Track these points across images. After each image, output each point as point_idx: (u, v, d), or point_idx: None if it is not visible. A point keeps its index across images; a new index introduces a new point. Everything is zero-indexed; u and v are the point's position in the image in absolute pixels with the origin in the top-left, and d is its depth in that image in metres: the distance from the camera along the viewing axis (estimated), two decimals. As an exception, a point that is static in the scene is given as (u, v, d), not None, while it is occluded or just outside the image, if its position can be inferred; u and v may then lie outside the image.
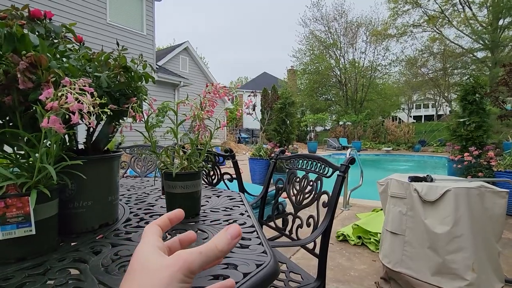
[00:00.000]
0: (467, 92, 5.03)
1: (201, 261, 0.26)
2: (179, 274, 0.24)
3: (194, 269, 0.25)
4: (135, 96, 0.80)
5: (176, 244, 0.34)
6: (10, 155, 0.64)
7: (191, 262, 0.25)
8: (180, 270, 0.24)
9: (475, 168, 4.53)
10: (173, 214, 0.35)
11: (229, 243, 0.28)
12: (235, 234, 0.29)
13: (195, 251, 0.26)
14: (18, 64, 0.54)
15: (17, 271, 0.55)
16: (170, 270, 0.24)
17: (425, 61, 21.73)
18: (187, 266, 0.25)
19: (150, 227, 0.32)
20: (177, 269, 0.24)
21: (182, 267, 0.25)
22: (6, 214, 0.56)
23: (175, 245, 0.34)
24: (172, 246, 0.33)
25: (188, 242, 0.35)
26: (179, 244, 0.34)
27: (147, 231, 0.31)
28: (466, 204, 1.58)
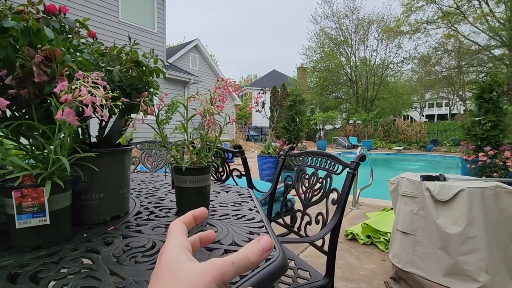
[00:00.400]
0: (483, 90, 4.89)
1: (234, 272, 0.26)
2: (213, 284, 0.24)
3: (227, 279, 0.25)
4: (146, 90, 0.81)
5: (197, 242, 0.34)
6: (26, 147, 0.66)
7: (224, 273, 0.25)
8: (213, 280, 0.24)
9: (490, 168, 4.41)
10: (197, 212, 0.35)
11: (260, 255, 0.27)
12: (267, 247, 0.28)
13: (228, 260, 0.26)
14: (34, 58, 0.56)
15: (33, 259, 0.56)
16: (205, 278, 0.24)
17: (439, 59, 21.20)
18: (220, 276, 0.25)
19: (177, 225, 0.32)
20: (211, 278, 0.24)
21: (215, 276, 0.24)
22: (22, 203, 0.57)
23: (196, 243, 0.34)
24: (193, 243, 0.33)
25: (208, 241, 0.35)
26: (199, 242, 0.34)
27: (173, 228, 0.31)
28: (480, 204, 1.54)
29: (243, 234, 0.71)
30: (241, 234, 0.71)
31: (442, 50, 20.48)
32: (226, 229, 0.75)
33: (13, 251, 0.60)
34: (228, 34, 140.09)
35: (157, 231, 0.73)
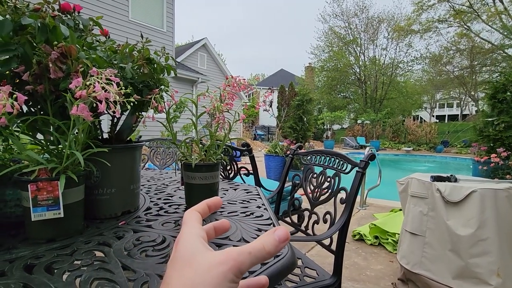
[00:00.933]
0: (497, 90, 4.78)
1: (250, 262, 0.25)
2: (230, 273, 0.24)
3: (244, 269, 0.25)
4: (158, 87, 0.82)
5: (212, 231, 0.34)
6: (41, 141, 0.68)
7: (241, 263, 0.25)
8: (231, 269, 0.24)
9: (503, 170, 4.31)
10: (212, 201, 0.35)
11: (277, 245, 0.27)
12: (283, 237, 0.27)
13: (245, 250, 0.26)
14: (50, 54, 0.57)
15: (47, 251, 0.58)
16: (222, 268, 0.24)
17: (451, 58, 20.76)
18: (238, 266, 0.24)
19: (192, 214, 0.32)
20: (228, 268, 0.24)
21: (233, 266, 0.24)
22: (38, 196, 0.59)
23: (211, 232, 0.33)
24: (208, 233, 0.33)
25: (223, 231, 0.35)
26: (214, 232, 0.34)
27: (189, 217, 0.31)
28: (493, 206, 1.51)
29: (251, 231, 0.72)
30: (249, 231, 0.72)
31: (454, 49, 20.04)
32: (235, 225, 0.75)
33: (28, 243, 0.61)
34: (236, 33, 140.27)
35: (167, 226, 0.74)
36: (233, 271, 0.24)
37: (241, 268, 0.25)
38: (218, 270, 0.24)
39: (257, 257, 0.26)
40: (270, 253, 0.27)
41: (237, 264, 0.24)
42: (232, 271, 0.24)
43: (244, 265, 0.25)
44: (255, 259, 0.26)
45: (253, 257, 0.26)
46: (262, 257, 0.26)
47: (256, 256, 0.26)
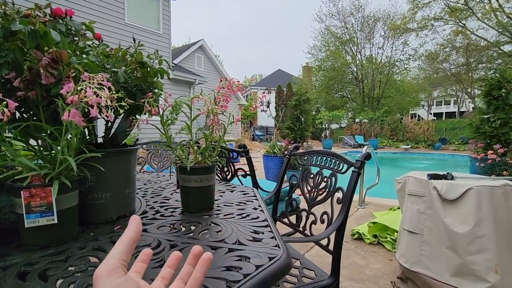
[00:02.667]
0: (492, 87, 4.80)
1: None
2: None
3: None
4: (151, 91, 0.82)
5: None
6: (34, 147, 0.67)
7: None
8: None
9: (500, 166, 4.33)
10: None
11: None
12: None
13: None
14: (41, 60, 0.57)
15: (41, 257, 0.58)
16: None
17: (447, 56, 20.85)
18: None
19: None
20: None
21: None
22: (31, 203, 0.59)
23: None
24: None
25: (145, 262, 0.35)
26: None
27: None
28: (489, 203, 1.52)
29: (247, 233, 0.72)
30: (245, 233, 0.72)
31: (450, 47, 20.13)
32: (231, 228, 0.75)
33: (22, 250, 0.61)
34: (232, 34, 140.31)
35: (163, 230, 0.74)
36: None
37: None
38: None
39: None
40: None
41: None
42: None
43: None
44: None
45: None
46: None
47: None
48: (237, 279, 0.50)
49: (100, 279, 0.26)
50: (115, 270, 0.27)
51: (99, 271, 0.27)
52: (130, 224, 0.32)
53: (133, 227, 0.32)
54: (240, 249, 0.63)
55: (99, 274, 0.26)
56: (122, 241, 0.30)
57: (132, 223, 0.33)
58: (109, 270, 0.27)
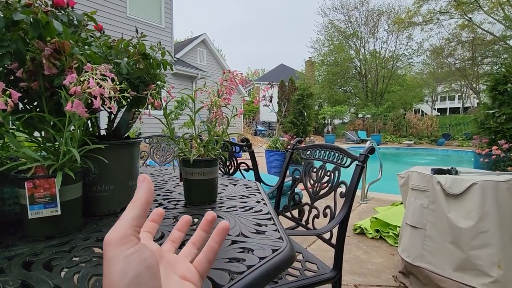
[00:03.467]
0: (497, 81, 4.73)
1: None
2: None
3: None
4: (154, 83, 0.81)
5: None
6: (37, 139, 0.67)
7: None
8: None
9: (504, 162, 4.29)
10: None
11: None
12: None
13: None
14: (44, 50, 0.56)
15: (46, 248, 0.58)
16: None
17: (452, 50, 20.57)
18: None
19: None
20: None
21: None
22: (35, 194, 0.59)
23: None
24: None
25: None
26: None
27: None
28: (493, 198, 1.50)
29: (250, 226, 0.72)
30: (248, 226, 0.72)
31: (456, 41, 19.84)
32: (234, 220, 0.75)
33: (27, 240, 0.61)
34: (235, 29, 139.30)
35: (166, 222, 0.74)
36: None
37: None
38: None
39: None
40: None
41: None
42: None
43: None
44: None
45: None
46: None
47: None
48: (241, 270, 0.50)
49: (111, 246, 0.23)
50: (128, 237, 0.24)
51: (109, 237, 0.23)
52: (140, 185, 0.28)
53: (144, 188, 0.28)
54: (243, 241, 0.63)
55: (109, 241, 0.23)
56: (134, 204, 0.26)
57: (142, 183, 0.28)
58: (120, 237, 0.23)
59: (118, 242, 0.23)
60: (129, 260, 0.22)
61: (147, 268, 0.23)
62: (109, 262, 0.23)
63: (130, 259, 0.23)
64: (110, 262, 0.22)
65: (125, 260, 0.22)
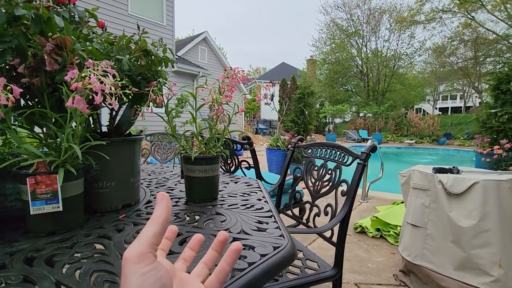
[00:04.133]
0: (500, 81, 4.71)
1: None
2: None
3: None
4: (155, 80, 0.81)
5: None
6: (39, 135, 0.67)
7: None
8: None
9: (506, 162, 4.28)
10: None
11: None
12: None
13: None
14: (45, 46, 0.56)
15: (48, 244, 0.58)
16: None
17: (455, 49, 20.47)
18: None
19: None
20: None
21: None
22: (37, 190, 0.59)
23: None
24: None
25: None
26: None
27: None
28: (495, 197, 1.50)
29: (251, 223, 0.72)
30: (249, 223, 0.72)
31: (458, 40, 19.74)
32: (235, 218, 0.75)
33: (29, 236, 0.62)
34: (236, 27, 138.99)
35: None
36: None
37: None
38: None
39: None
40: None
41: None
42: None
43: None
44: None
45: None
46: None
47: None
48: (242, 267, 0.50)
49: (129, 262, 0.24)
50: (145, 255, 0.25)
51: (128, 254, 0.25)
52: (159, 203, 0.29)
53: (163, 206, 0.28)
54: (244, 238, 0.63)
55: (128, 257, 0.24)
56: (153, 222, 0.27)
57: (160, 201, 0.29)
58: (139, 255, 0.24)
59: (136, 259, 0.24)
60: (145, 277, 0.23)
61: (161, 286, 0.24)
62: (126, 278, 0.23)
63: (147, 277, 0.24)
64: (127, 278, 0.23)
65: (142, 278, 0.23)
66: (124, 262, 0.24)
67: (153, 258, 0.25)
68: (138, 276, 0.23)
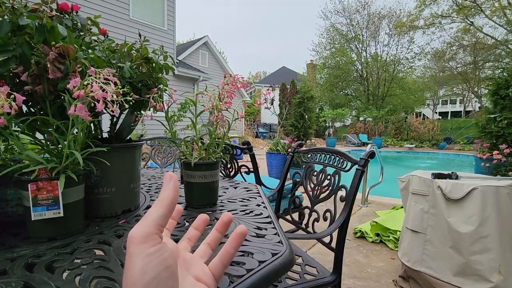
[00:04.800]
0: (499, 86, 4.74)
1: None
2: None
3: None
4: (156, 86, 0.82)
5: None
6: (41, 141, 0.68)
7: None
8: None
9: (505, 167, 4.28)
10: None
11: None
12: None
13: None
14: (48, 55, 0.57)
15: (48, 250, 0.59)
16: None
17: (454, 54, 20.59)
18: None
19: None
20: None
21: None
22: (38, 196, 0.60)
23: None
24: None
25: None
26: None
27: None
28: (494, 203, 1.50)
29: (250, 229, 0.72)
30: (248, 229, 0.72)
31: (457, 45, 19.87)
32: (234, 223, 0.76)
33: (29, 242, 0.62)
34: (237, 31, 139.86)
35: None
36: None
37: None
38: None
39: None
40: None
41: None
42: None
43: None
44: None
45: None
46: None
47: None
48: (240, 273, 0.50)
49: (134, 243, 0.23)
50: (151, 236, 0.24)
51: (133, 234, 0.24)
52: (166, 184, 0.27)
53: (171, 187, 0.27)
54: (243, 244, 0.63)
55: (133, 237, 0.23)
56: (160, 203, 0.26)
57: (168, 182, 0.27)
58: (144, 235, 0.23)
59: (142, 239, 0.23)
60: (150, 259, 0.23)
61: (166, 268, 0.23)
62: (130, 258, 0.23)
63: (151, 258, 0.23)
64: (131, 258, 0.23)
65: (146, 259, 0.23)
66: (129, 242, 0.24)
67: (158, 239, 0.24)
68: (142, 257, 0.23)
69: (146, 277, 0.22)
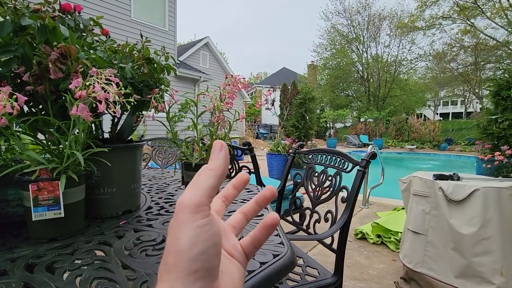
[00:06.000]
0: (500, 87, 4.73)
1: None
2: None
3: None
4: (158, 87, 0.82)
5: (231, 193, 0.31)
6: (42, 142, 0.68)
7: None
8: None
9: (507, 168, 4.27)
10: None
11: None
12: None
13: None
14: (50, 55, 0.57)
15: (49, 250, 0.58)
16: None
17: (455, 55, 20.58)
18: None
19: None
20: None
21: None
22: (39, 196, 0.60)
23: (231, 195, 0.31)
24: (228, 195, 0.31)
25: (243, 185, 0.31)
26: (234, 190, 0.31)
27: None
28: (496, 204, 1.50)
29: (251, 230, 0.72)
30: (249, 230, 0.72)
31: (458, 46, 19.86)
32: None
33: (30, 242, 0.62)
34: (238, 32, 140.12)
35: (167, 226, 0.74)
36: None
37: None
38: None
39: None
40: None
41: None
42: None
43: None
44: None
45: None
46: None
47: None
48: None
49: (186, 210, 0.21)
50: (202, 206, 0.22)
51: (184, 201, 0.22)
52: (217, 153, 0.25)
53: (222, 157, 0.25)
54: (244, 245, 0.63)
55: (184, 203, 0.22)
56: (211, 173, 0.24)
57: (219, 151, 0.25)
58: (197, 204, 0.22)
59: (194, 208, 0.22)
60: (200, 230, 0.21)
61: (214, 245, 0.22)
62: (179, 224, 0.21)
63: (201, 231, 0.21)
64: (181, 225, 0.21)
65: (197, 230, 0.21)
66: (179, 208, 0.22)
67: (209, 211, 0.22)
68: (193, 227, 0.21)
69: (195, 249, 0.20)
